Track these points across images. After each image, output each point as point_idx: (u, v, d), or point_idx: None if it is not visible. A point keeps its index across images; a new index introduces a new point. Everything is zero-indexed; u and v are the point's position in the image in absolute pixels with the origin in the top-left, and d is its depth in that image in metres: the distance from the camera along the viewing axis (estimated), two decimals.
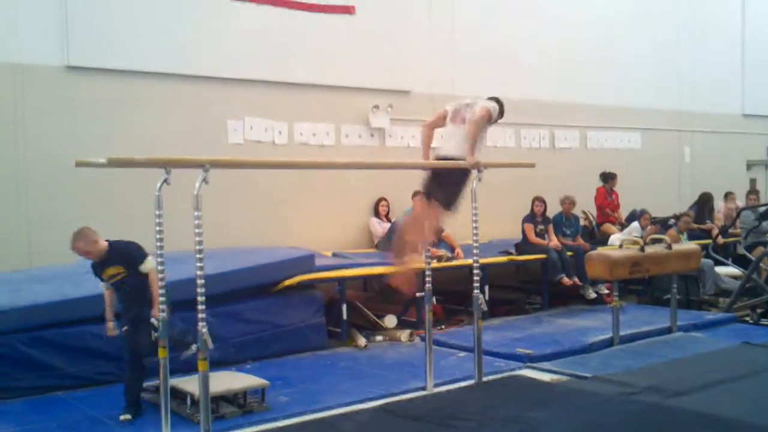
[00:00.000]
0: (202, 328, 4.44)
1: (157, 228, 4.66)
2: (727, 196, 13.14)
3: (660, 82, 13.90)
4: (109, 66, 8.36)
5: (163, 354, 4.83)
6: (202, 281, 4.47)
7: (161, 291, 4.78)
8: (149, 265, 5.57)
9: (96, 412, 5.73)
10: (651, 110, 13.74)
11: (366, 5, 10.14)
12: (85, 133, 8.09)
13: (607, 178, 11.95)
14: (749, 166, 16.06)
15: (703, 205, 12.52)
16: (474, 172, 5.86)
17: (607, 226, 11.70)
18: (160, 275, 4.76)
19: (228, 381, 5.76)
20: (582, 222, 11.42)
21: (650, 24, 13.73)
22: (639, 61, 13.48)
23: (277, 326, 7.47)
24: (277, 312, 7.53)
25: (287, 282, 7.66)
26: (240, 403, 5.66)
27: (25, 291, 6.63)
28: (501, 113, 6.12)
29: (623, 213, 12.16)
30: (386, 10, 10.28)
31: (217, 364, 4.94)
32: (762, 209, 10.77)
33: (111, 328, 5.74)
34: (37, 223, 7.91)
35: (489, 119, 6.00)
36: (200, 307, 4.47)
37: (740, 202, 12.96)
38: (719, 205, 12.99)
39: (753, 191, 13.26)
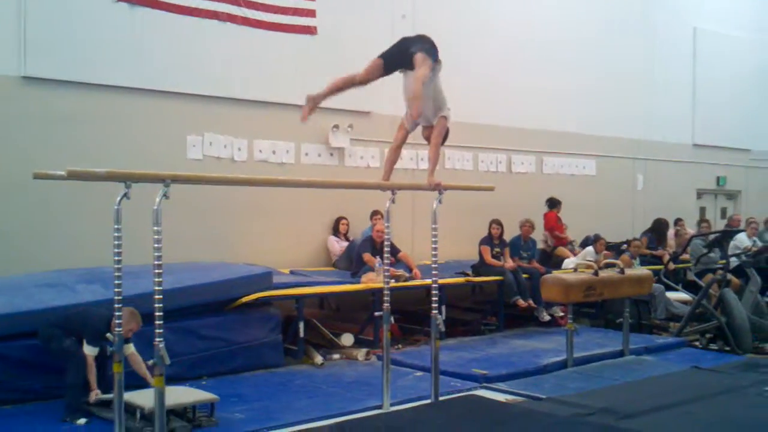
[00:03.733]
0: (159, 343, 4.41)
1: (116, 242, 4.61)
2: (677, 222, 13.44)
3: (615, 111, 14.17)
4: (67, 78, 8.28)
5: (117, 369, 4.76)
6: (160, 296, 4.45)
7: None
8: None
9: (46, 426, 5.64)
10: (606, 138, 14.00)
11: (328, 25, 10.21)
12: (41, 146, 7.98)
13: (555, 203, 12.12)
14: (699, 194, 16.46)
15: (658, 231, 12.78)
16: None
17: (561, 250, 11.86)
18: (116, 290, 4.71)
19: (177, 395, 5.70)
20: (540, 245, 11.56)
21: (607, 55, 14.02)
22: (595, 90, 13.73)
23: (233, 343, 7.41)
24: (234, 329, 7.47)
25: (245, 299, 7.62)
26: (189, 417, 5.65)
27: None
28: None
29: (577, 238, 12.34)
30: (348, 31, 10.34)
31: (170, 380, 4.91)
32: (711, 237, 11.01)
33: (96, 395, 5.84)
34: None
35: (446, 128, 5.91)
36: (158, 322, 4.44)
37: (690, 229, 13.26)
38: (670, 231, 13.26)
39: (704, 220, 13.59)
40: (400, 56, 5.86)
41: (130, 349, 5.77)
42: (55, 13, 8.18)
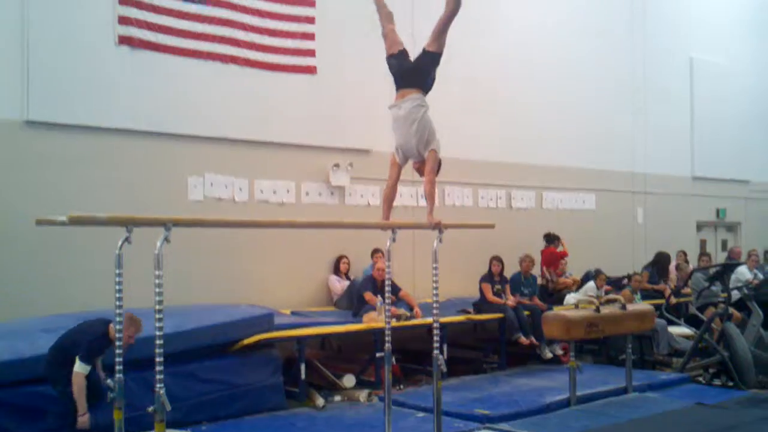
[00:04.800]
0: (160, 389, 4.38)
1: (117, 287, 4.62)
2: (679, 256, 13.43)
3: (613, 145, 14.27)
4: (69, 121, 8.33)
5: (118, 416, 4.73)
6: (161, 341, 4.44)
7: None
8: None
9: None
10: (605, 172, 14.06)
11: (327, 65, 10.30)
12: (43, 189, 8.02)
13: (552, 239, 12.13)
14: (699, 227, 16.47)
15: (659, 264, 12.76)
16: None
17: (561, 285, 11.85)
18: (118, 335, 4.71)
19: None
20: (540, 281, 11.55)
21: (605, 89, 14.15)
22: (594, 124, 13.83)
23: (234, 386, 7.35)
24: (235, 371, 7.42)
25: (246, 341, 7.59)
26: None
27: None
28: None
29: (578, 273, 12.31)
30: (347, 71, 10.44)
31: (168, 426, 4.85)
32: (712, 271, 10.99)
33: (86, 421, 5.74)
34: None
35: (438, 160, 5.93)
36: (158, 368, 4.42)
37: (692, 263, 13.25)
38: (672, 264, 13.26)
39: (704, 253, 13.59)
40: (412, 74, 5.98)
41: (78, 367, 5.67)
42: (58, 58, 8.26)
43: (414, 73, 5.99)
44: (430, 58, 6.01)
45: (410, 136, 5.86)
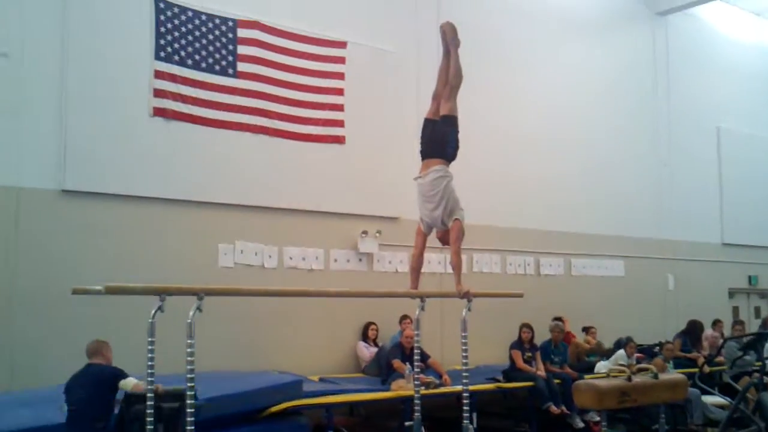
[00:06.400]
0: None
1: (149, 355, 4.67)
2: (715, 324, 13.24)
3: (643, 212, 14.28)
4: (104, 190, 8.54)
5: None
6: (192, 410, 4.46)
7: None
8: None
9: None
10: (634, 239, 14.03)
11: (356, 134, 10.51)
12: (80, 257, 8.19)
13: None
14: (731, 294, 16.27)
15: (692, 333, 12.58)
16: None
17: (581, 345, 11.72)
18: (149, 402, 4.74)
19: None
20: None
21: (633, 158, 14.28)
22: (622, 191, 13.89)
23: None
24: None
25: (274, 408, 7.56)
26: None
27: (5, 415, 6.49)
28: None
29: (608, 342, 12.16)
30: (375, 140, 10.65)
31: None
32: (746, 339, 10.81)
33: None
34: (22, 345, 7.84)
35: (462, 230, 6.01)
36: None
37: (726, 331, 13.04)
38: (706, 332, 13.06)
39: (738, 321, 13.35)
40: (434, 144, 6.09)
41: (132, 381, 5.79)
42: (95, 129, 8.51)
43: (434, 142, 6.09)
44: (446, 123, 6.11)
45: (434, 207, 5.94)
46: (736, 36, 17.15)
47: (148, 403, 4.67)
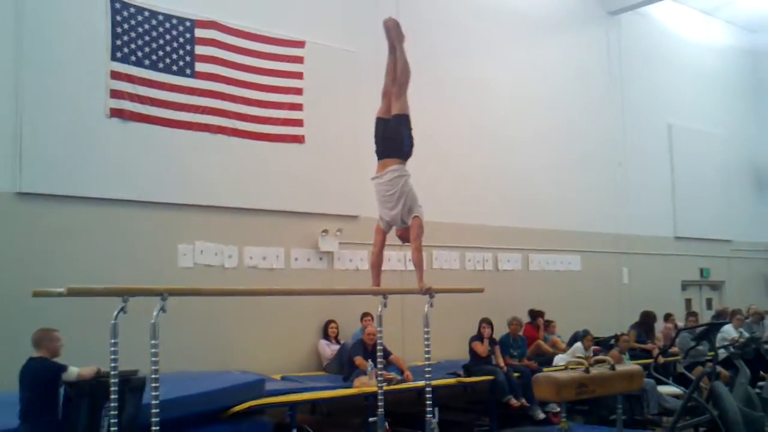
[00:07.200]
0: None
1: (112, 356, 4.66)
2: (668, 317, 13.54)
3: (597, 207, 14.53)
4: (60, 192, 8.45)
5: None
6: (158, 410, 4.47)
7: None
8: None
9: None
10: (589, 233, 14.27)
11: (315, 134, 10.53)
12: (37, 260, 8.09)
13: (536, 316, 12.22)
14: (684, 286, 16.65)
15: (646, 324, 12.85)
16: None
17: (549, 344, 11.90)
18: (113, 404, 4.73)
19: None
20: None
21: (589, 155, 14.50)
22: (576, 187, 14.12)
23: None
24: None
25: (236, 408, 7.57)
26: None
27: None
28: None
29: (565, 335, 12.38)
30: (334, 139, 10.68)
31: None
32: (699, 330, 11.07)
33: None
34: None
35: (422, 227, 6.07)
36: None
37: (680, 323, 13.35)
38: (660, 325, 13.34)
39: (692, 313, 13.69)
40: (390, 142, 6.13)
41: (75, 371, 5.83)
42: (50, 130, 8.41)
43: (388, 141, 6.13)
44: (399, 122, 6.12)
45: (393, 206, 6.00)
46: (687, 34, 17.56)
47: (112, 389, 4.64)
